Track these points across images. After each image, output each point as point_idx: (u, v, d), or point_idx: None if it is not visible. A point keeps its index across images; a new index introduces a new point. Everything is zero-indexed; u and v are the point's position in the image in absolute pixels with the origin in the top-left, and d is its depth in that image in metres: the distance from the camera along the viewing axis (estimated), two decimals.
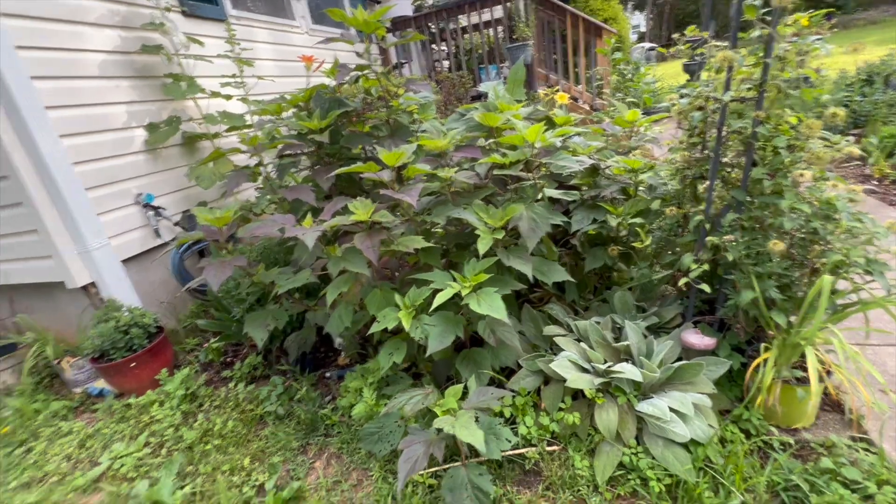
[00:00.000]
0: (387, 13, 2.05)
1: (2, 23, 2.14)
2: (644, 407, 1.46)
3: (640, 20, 36.91)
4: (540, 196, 1.81)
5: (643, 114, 2.13)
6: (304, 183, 2.09)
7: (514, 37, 5.63)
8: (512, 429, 1.61)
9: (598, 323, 1.75)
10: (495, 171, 1.63)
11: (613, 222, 1.77)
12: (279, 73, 4.08)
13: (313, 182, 2.11)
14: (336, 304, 1.73)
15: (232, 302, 2.35)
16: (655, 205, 1.69)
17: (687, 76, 8.38)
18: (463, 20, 6.14)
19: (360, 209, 1.49)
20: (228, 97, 3.11)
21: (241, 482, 1.74)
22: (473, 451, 1.50)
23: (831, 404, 1.61)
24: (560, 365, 1.57)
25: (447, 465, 1.52)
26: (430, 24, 6.24)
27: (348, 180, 2.24)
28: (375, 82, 2.21)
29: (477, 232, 1.52)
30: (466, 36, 6.36)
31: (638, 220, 1.77)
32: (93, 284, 2.53)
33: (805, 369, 1.47)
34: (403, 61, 6.68)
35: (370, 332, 1.49)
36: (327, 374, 2.24)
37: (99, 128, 2.58)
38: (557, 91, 3.02)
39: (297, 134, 2.13)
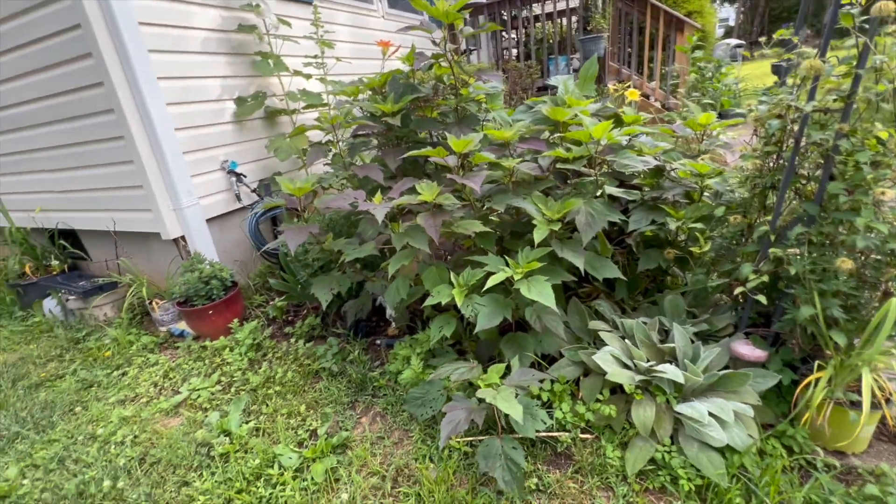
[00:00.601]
0: (465, 3, 2.13)
1: (131, 2, 2.44)
2: (683, 408, 1.49)
3: (729, 13, 34.12)
4: (600, 193, 1.84)
5: (718, 117, 2.07)
6: (373, 162, 2.24)
7: (588, 28, 5.49)
8: (548, 413, 1.68)
9: (645, 323, 1.77)
10: (558, 165, 1.68)
11: (673, 225, 1.77)
12: (354, 55, 4.27)
13: (382, 162, 2.25)
14: (394, 277, 1.87)
15: (298, 266, 2.57)
16: (719, 211, 1.67)
17: (775, 78, 7.75)
18: (536, 8, 6.05)
19: (427, 191, 1.60)
20: (308, 76, 3.33)
21: (296, 425, 1.95)
22: (509, 428, 1.60)
23: (889, 435, 1.54)
24: (602, 358, 1.62)
25: (483, 437, 1.63)
26: (502, 11, 6.20)
27: (413, 163, 2.37)
28: (447, 70, 2.30)
29: (534, 222, 1.59)
30: (538, 25, 6.26)
31: (699, 225, 1.76)
32: (182, 238, 2.85)
33: (861, 393, 1.43)
34: (472, 48, 6.70)
35: (424, 304, 1.62)
36: (378, 342, 2.41)
37: (198, 98, 2.88)
38: (629, 87, 2.96)
39: (371, 115, 2.27)
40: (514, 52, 6.56)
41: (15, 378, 2.61)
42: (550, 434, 1.64)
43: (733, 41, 9.60)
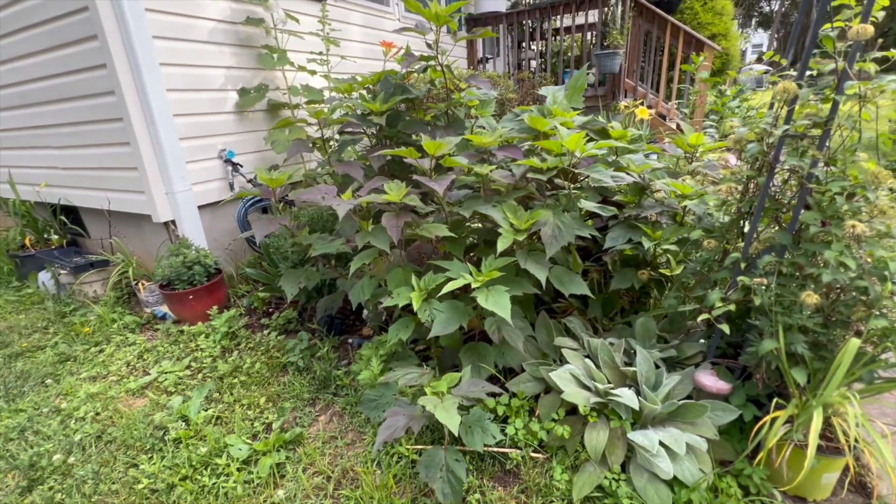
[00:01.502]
0: (462, 7, 2.12)
1: None
2: (635, 436, 1.42)
3: (763, 39, 33.58)
4: (579, 207, 1.80)
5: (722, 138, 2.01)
6: (358, 161, 2.24)
7: (605, 43, 5.43)
8: (502, 428, 1.64)
9: (611, 344, 1.71)
10: (530, 175, 1.64)
11: (647, 244, 1.71)
12: (366, 55, 4.30)
13: (365, 161, 2.25)
14: (362, 276, 1.85)
15: (279, 258, 2.57)
16: (695, 234, 1.61)
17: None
18: (556, 21, 6.02)
19: (394, 190, 1.59)
20: (312, 72, 3.36)
21: (254, 417, 1.94)
22: (459, 440, 1.56)
23: (856, 484, 1.45)
24: (560, 376, 1.57)
25: (431, 446, 1.59)
26: (521, 21, 6.19)
27: (399, 164, 2.36)
28: (440, 74, 2.30)
29: (499, 230, 1.56)
30: (558, 38, 6.23)
31: (673, 247, 1.70)
32: (172, 222, 2.89)
33: (829, 438, 1.35)
34: (489, 56, 6.70)
35: (384, 305, 1.59)
36: (350, 341, 2.39)
37: (199, 86, 2.93)
38: (640, 105, 2.90)
39: (359, 114, 2.27)
40: (534, 63, 6.53)
41: None
42: (501, 449, 1.59)
43: (760, 66, 9.36)
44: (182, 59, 2.80)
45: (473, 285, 1.49)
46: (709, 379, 1.51)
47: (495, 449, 1.59)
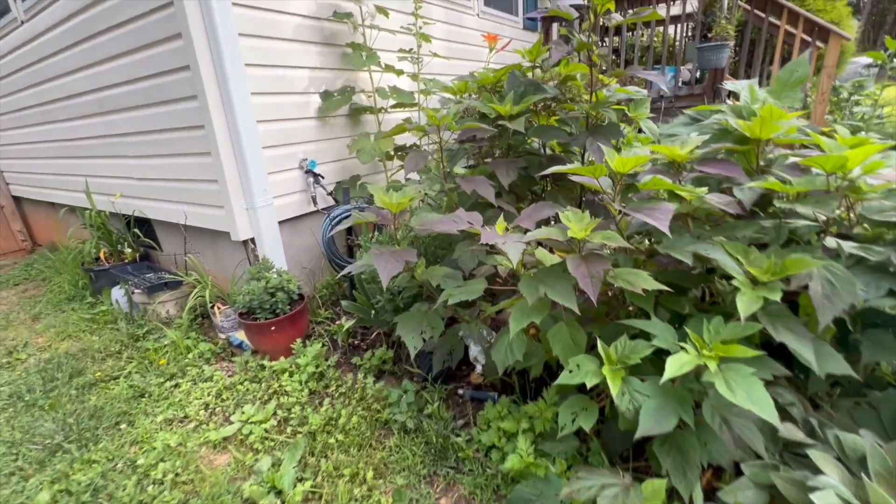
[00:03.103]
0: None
1: None
2: None
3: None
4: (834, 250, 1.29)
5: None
6: (478, 174, 1.82)
7: (709, 35, 4.79)
8: None
9: (880, 446, 1.19)
10: (776, 203, 1.16)
11: None
12: (449, 54, 3.92)
13: (489, 174, 1.83)
14: (497, 325, 1.42)
15: (375, 288, 2.21)
16: None
17: None
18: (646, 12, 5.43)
19: (575, 223, 1.15)
20: (400, 72, 3.00)
21: (361, 496, 1.56)
22: None
23: None
24: (825, 498, 1.07)
25: None
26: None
27: (526, 178, 1.93)
28: (582, 67, 1.85)
29: (734, 283, 1.08)
30: (647, 31, 5.63)
31: None
32: (252, 240, 2.60)
33: None
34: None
35: (558, 382, 1.15)
36: (460, 391, 1.98)
37: (284, 89, 2.63)
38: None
39: (482, 117, 1.86)
40: (613, 58, 5.96)
41: (72, 373, 2.47)
42: None
43: (865, 59, 8.30)
44: (268, 59, 2.51)
45: (710, 365, 1.02)
46: None
47: None
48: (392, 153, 2.98)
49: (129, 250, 3.27)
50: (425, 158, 1.70)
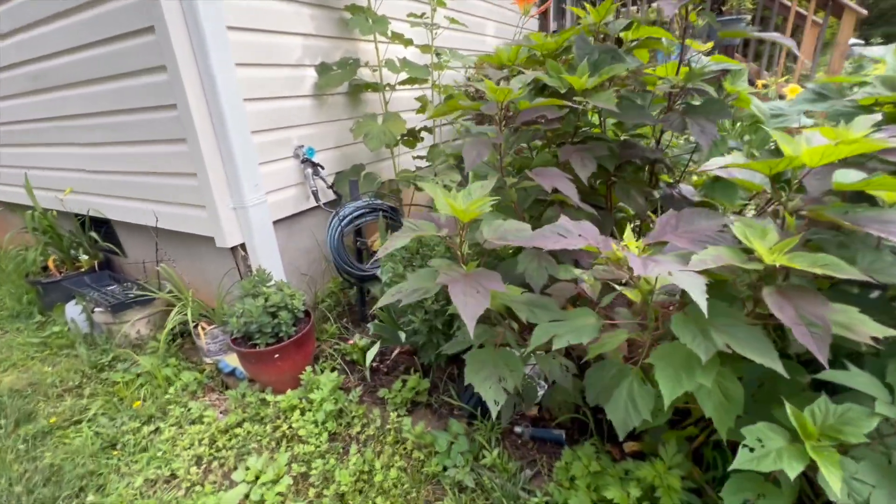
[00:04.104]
0: None
1: None
2: None
3: None
4: None
5: None
6: (546, 165, 1.44)
7: (722, 9, 4.51)
8: None
9: None
10: None
11: None
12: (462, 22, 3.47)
13: (558, 164, 1.45)
14: (611, 371, 1.07)
15: (402, 309, 1.82)
16: None
17: None
18: None
19: (757, 239, 0.80)
20: (409, 42, 2.55)
21: None
22: None
23: None
24: None
25: None
26: None
27: (600, 170, 1.56)
28: (660, 32, 1.49)
29: None
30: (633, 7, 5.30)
31: None
32: (242, 246, 2.15)
33: None
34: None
35: (736, 466, 0.81)
36: (517, 429, 1.64)
37: (274, 60, 2.15)
38: (786, 81, 2.07)
39: (553, 94, 1.46)
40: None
41: (19, 417, 1.98)
42: None
43: (853, 39, 8.29)
44: (254, 22, 2.02)
45: None
46: None
47: None
48: (404, 137, 2.55)
49: (86, 257, 2.73)
50: (489, 147, 1.30)
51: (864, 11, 4.50)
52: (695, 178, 1.78)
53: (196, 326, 2.20)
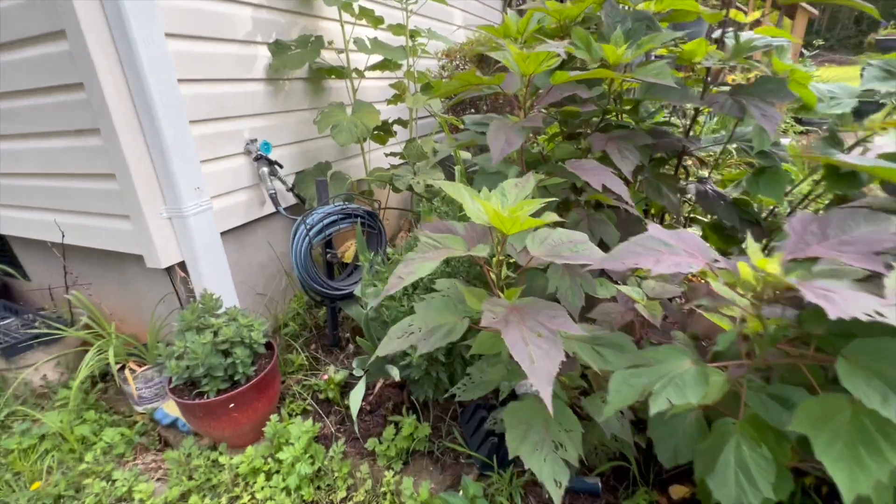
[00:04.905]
0: None
1: None
2: None
3: None
4: None
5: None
6: (565, 156, 1.16)
7: None
8: None
9: None
10: None
11: None
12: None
13: (595, 154, 1.18)
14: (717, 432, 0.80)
15: (377, 325, 1.48)
16: None
17: None
18: None
19: None
20: (378, 21, 2.20)
21: None
22: None
23: None
24: None
25: None
26: None
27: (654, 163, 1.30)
28: (690, 2, 1.27)
29: None
30: None
31: None
32: (181, 265, 1.71)
33: None
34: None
35: None
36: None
37: (218, 34, 1.73)
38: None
39: (582, 72, 1.18)
40: None
41: None
42: None
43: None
44: None
45: None
46: None
47: None
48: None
49: None
50: (519, 133, 0.99)
51: (816, 12, 4.66)
52: (725, 171, 1.58)
53: (122, 368, 1.73)
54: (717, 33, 1.38)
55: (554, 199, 1.03)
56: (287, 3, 2.06)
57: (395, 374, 1.40)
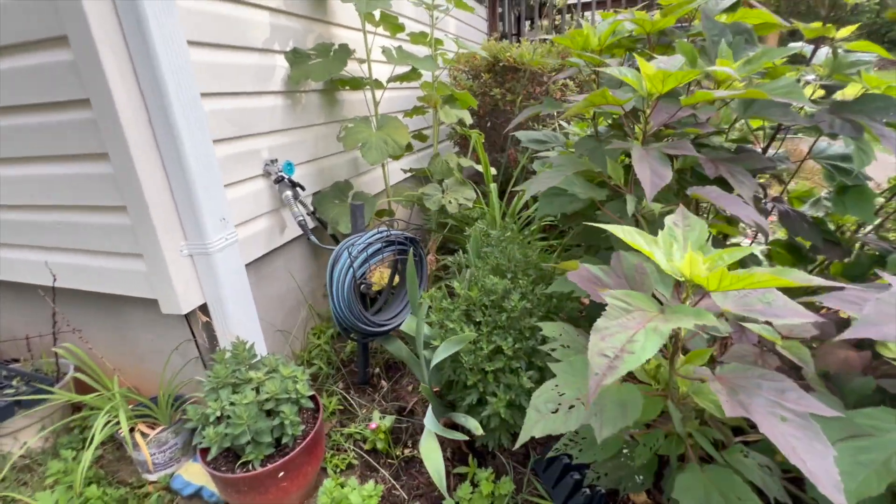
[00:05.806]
0: None
1: None
2: None
3: None
4: None
5: None
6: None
7: None
8: None
9: None
10: None
11: None
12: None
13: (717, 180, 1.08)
14: None
15: (439, 371, 1.32)
16: None
17: None
18: None
19: None
20: (399, 28, 2.05)
21: None
22: None
23: None
24: None
25: None
26: None
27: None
28: (768, 15, 1.21)
29: None
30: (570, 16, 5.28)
31: None
32: (203, 308, 1.47)
33: None
34: (514, 33, 5.56)
35: None
36: None
37: (237, 41, 1.52)
38: None
39: (730, 92, 1.09)
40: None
41: None
42: None
43: None
44: None
45: None
46: None
47: None
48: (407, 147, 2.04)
49: None
50: (664, 163, 0.87)
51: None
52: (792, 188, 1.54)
53: (131, 430, 1.47)
54: (798, 47, 1.33)
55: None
56: (302, 8, 1.87)
57: (475, 427, 1.24)
